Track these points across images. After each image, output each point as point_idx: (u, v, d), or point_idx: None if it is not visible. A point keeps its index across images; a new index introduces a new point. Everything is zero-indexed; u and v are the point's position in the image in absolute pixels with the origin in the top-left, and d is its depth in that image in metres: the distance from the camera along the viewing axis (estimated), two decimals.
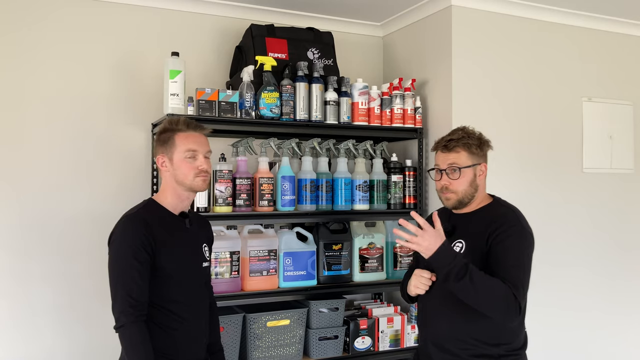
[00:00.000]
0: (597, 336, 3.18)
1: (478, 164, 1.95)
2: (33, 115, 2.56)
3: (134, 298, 1.76)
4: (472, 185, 1.94)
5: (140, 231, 1.80)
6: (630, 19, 3.22)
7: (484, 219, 1.92)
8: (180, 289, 1.88)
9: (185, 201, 1.95)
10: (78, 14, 2.64)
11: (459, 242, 1.92)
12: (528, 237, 1.92)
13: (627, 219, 3.29)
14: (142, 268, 1.79)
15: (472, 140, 1.96)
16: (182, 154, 1.89)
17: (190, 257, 1.94)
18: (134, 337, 1.75)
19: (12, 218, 2.52)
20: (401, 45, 3.19)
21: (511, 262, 1.84)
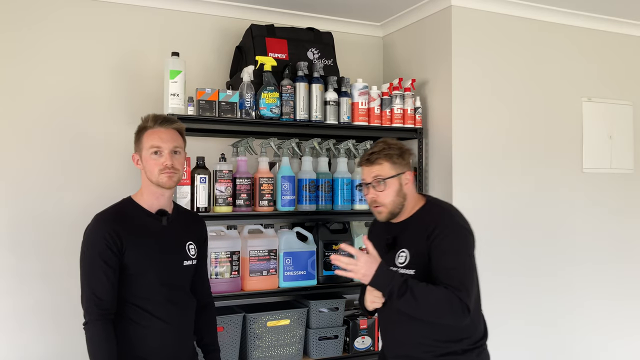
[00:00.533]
0: (597, 336, 3.18)
1: (402, 173, 1.97)
2: (32, 115, 2.56)
3: (98, 296, 1.79)
4: (400, 195, 1.97)
5: (106, 230, 1.82)
6: (630, 19, 3.22)
7: (420, 223, 1.95)
8: (152, 288, 1.87)
9: (160, 198, 1.93)
10: (78, 14, 2.64)
11: (402, 252, 1.95)
12: (464, 233, 1.92)
13: (627, 219, 3.29)
14: (107, 267, 1.80)
15: (392, 150, 1.98)
16: (148, 151, 1.89)
17: (164, 255, 1.91)
18: (95, 335, 1.79)
19: (12, 218, 2.52)
20: (401, 45, 3.19)
21: (451, 265, 1.85)
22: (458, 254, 1.87)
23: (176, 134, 1.94)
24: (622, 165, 3.28)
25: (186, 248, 1.98)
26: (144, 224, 1.90)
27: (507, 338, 2.91)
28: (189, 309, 1.99)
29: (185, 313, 1.96)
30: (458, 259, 1.87)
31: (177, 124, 1.95)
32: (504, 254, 2.91)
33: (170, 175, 1.89)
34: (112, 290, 1.81)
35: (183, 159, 1.96)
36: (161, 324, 1.88)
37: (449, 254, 1.86)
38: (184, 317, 1.96)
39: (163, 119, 1.92)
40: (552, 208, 3.04)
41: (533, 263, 2.99)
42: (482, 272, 2.81)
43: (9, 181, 2.52)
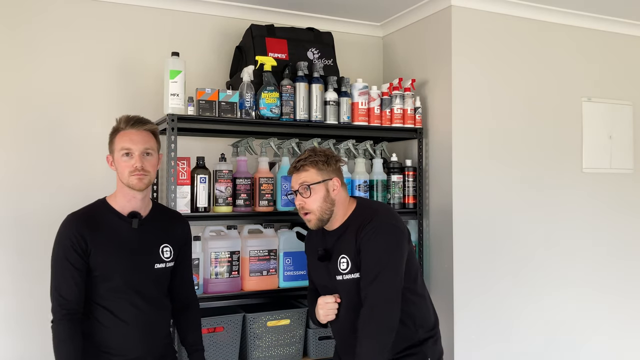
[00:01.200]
0: (597, 336, 3.18)
1: (329, 179, 2.00)
2: (32, 114, 2.56)
3: (63, 296, 1.82)
4: (327, 201, 1.99)
5: (72, 232, 1.84)
6: (630, 19, 3.22)
7: (351, 227, 1.99)
8: (117, 290, 1.88)
9: (132, 200, 1.93)
10: (78, 14, 2.65)
11: (343, 258, 1.98)
12: (390, 230, 1.94)
13: (627, 219, 3.29)
14: (73, 268, 1.83)
15: (318, 157, 2.01)
16: (119, 153, 1.91)
17: (132, 259, 1.91)
18: (57, 334, 1.82)
19: (9, 217, 2.52)
20: (401, 45, 3.19)
21: (371, 276, 1.88)
22: (380, 253, 1.89)
23: (148, 135, 1.93)
24: (621, 165, 3.28)
25: (159, 251, 1.97)
26: (112, 226, 1.90)
27: (507, 338, 2.91)
28: (160, 312, 1.98)
29: (153, 316, 1.95)
30: (380, 259, 1.89)
31: (149, 125, 1.95)
32: (503, 253, 2.91)
33: (140, 177, 1.89)
34: (77, 291, 1.84)
35: (155, 160, 1.96)
36: (125, 326, 1.89)
37: (371, 255, 1.90)
38: (153, 320, 1.95)
39: (135, 121, 1.92)
40: (552, 208, 3.04)
41: (533, 263, 2.99)
42: (481, 271, 2.82)
43: (9, 181, 2.52)
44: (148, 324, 1.93)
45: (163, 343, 2.02)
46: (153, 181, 1.99)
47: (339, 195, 2.02)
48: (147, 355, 1.94)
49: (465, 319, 2.77)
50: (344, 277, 1.97)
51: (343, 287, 2.00)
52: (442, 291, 2.82)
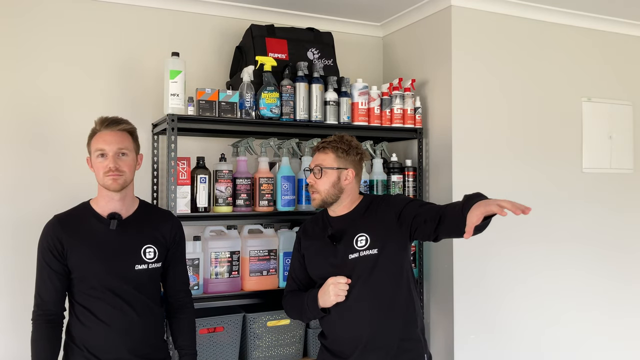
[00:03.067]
0: (597, 336, 3.18)
1: (344, 168, 2.09)
2: (32, 114, 2.56)
3: (42, 298, 1.88)
4: (335, 187, 2.09)
5: (49, 235, 1.89)
6: (630, 19, 3.23)
7: (370, 208, 2.11)
8: (95, 292, 1.89)
9: (111, 202, 1.94)
10: (78, 14, 2.65)
11: (361, 236, 2.05)
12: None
13: (627, 219, 3.29)
14: (51, 270, 1.87)
15: (340, 144, 2.10)
16: (94, 154, 1.92)
17: (109, 260, 1.90)
18: (33, 334, 1.88)
19: (8, 217, 2.52)
20: (401, 45, 3.19)
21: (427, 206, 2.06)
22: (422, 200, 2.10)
23: (124, 135, 1.93)
24: (621, 165, 3.28)
25: (141, 252, 1.96)
26: (91, 229, 1.93)
27: (506, 338, 2.91)
28: (144, 314, 1.96)
29: (135, 318, 1.93)
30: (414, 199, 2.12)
31: (124, 125, 1.95)
32: (503, 253, 2.91)
33: (114, 177, 1.90)
34: (55, 293, 1.88)
35: (132, 160, 1.96)
36: (105, 327, 1.89)
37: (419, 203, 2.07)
38: (135, 322, 1.93)
39: (110, 121, 1.93)
40: (552, 208, 3.05)
41: (532, 263, 2.99)
42: (481, 271, 2.82)
43: (8, 181, 2.52)
44: (129, 325, 1.92)
45: (149, 344, 1.99)
46: (129, 181, 1.97)
47: (350, 186, 2.11)
48: (130, 356, 1.93)
49: (465, 319, 2.77)
50: (360, 254, 2.03)
51: (358, 264, 2.03)
52: (441, 291, 2.82)
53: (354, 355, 2.03)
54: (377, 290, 2.02)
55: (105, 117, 1.95)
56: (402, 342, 2.03)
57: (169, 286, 2.09)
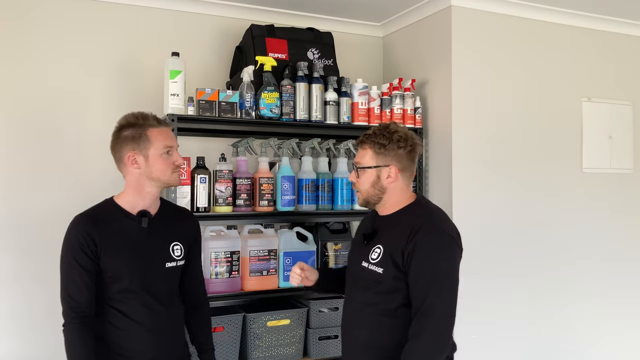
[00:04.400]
0: (597, 336, 3.18)
1: (385, 165, 1.81)
2: (31, 114, 2.56)
3: (74, 299, 1.77)
4: (376, 187, 1.84)
5: (81, 233, 1.79)
6: (630, 19, 3.22)
7: (401, 222, 1.81)
8: (129, 292, 1.84)
9: (147, 199, 1.89)
10: (78, 14, 2.65)
11: (377, 248, 1.82)
12: (446, 240, 1.74)
13: (627, 219, 3.29)
14: (83, 270, 1.77)
15: (379, 137, 1.81)
16: (159, 150, 1.85)
17: (143, 259, 1.87)
18: (70, 338, 1.77)
19: (8, 217, 2.52)
20: (401, 45, 3.19)
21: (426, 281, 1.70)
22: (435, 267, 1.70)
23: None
24: (621, 165, 3.28)
25: (170, 249, 1.93)
26: (122, 227, 1.85)
27: (505, 338, 2.91)
28: (173, 312, 1.95)
29: (167, 316, 1.92)
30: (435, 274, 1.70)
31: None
32: (503, 253, 2.91)
33: (181, 173, 1.94)
34: (87, 293, 1.79)
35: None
36: (140, 328, 1.85)
37: (424, 274, 1.70)
38: (166, 321, 1.92)
39: (161, 120, 1.92)
40: (552, 208, 3.04)
41: (532, 263, 2.99)
42: (481, 272, 2.82)
43: (8, 181, 2.52)
44: (161, 324, 1.90)
45: (178, 343, 1.98)
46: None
47: (394, 185, 1.83)
48: (162, 356, 1.91)
49: (466, 319, 2.77)
50: (368, 266, 1.83)
51: (363, 275, 1.86)
52: None
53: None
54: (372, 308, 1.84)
55: (146, 113, 1.91)
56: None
57: (188, 283, 2.05)
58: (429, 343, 1.67)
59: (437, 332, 1.68)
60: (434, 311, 1.68)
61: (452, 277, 1.73)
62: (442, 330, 1.69)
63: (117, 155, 1.89)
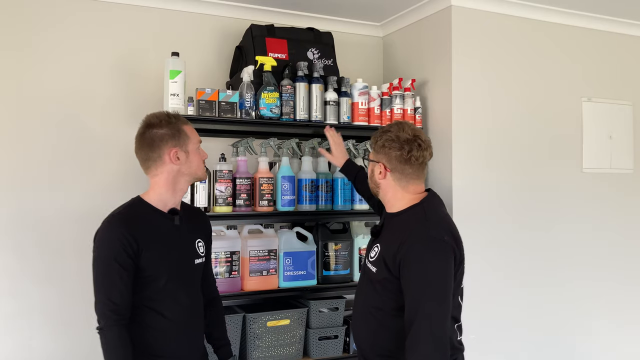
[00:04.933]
0: (597, 336, 3.18)
1: (376, 162, 1.90)
2: (31, 114, 2.56)
3: (113, 301, 1.72)
4: (371, 180, 1.95)
5: (121, 232, 1.74)
6: (630, 19, 3.22)
7: (399, 225, 1.83)
8: (167, 290, 1.83)
9: (178, 195, 1.90)
10: (78, 13, 2.64)
11: (376, 247, 1.88)
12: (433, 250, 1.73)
13: (627, 219, 3.29)
14: (123, 270, 1.73)
15: (377, 134, 1.92)
16: (196, 145, 1.90)
17: (178, 256, 1.88)
18: (111, 341, 1.73)
19: (9, 217, 2.52)
20: (401, 45, 3.19)
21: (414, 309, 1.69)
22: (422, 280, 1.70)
23: None
24: (622, 165, 3.28)
25: (196, 246, 1.95)
26: (157, 225, 1.84)
27: (506, 338, 2.91)
28: (200, 309, 1.97)
29: (197, 313, 1.94)
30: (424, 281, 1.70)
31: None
32: (503, 253, 2.91)
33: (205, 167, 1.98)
34: (127, 295, 1.75)
35: None
36: (175, 327, 1.84)
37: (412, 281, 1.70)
38: (197, 318, 1.94)
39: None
40: (552, 208, 3.04)
41: (532, 263, 2.99)
42: (481, 272, 2.82)
43: (6, 180, 2.52)
44: (192, 321, 1.92)
45: (202, 340, 2.00)
46: None
47: (385, 182, 1.89)
48: (193, 353, 1.92)
49: (465, 319, 2.77)
50: (367, 264, 1.91)
51: (364, 272, 1.95)
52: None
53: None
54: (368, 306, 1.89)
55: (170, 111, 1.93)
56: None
57: (205, 279, 2.06)
58: (427, 351, 1.66)
59: (433, 338, 1.66)
60: (426, 321, 1.66)
61: (443, 282, 1.71)
62: (439, 334, 1.67)
63: (154, 154, 1.84)
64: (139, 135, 1.88)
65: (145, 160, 1.87)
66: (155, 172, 1.87)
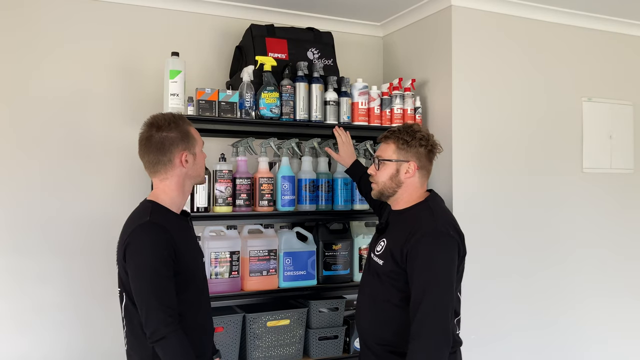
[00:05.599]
0: (597, 336, 3.18)
1: (405, 161, 1.94)
2: (31, 114, 2.56)
3: (171, 307, 1.69)
4: (393, 180, 1.95)
5: (164, 239, 1.72)
6: (630, 19, 3.22)
7: (407, 220, 1.92)
8: (197, 291, 1.84)
9: (186, 197, 1.90)
10: (78, 14, 2.64)
11: (382, 241, 1.96)
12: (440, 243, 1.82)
13: (627, 219, 3.29)
14: (170, 276, 1.71)
15: (403, 134, 1.95)
16: (201, 147, 1.90)
17: (199, 256, 1.91)
18: (178, 347, 1.67)
19: (10, 218, 2.52)
20: (401, 45, 3.19)
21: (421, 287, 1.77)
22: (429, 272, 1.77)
23: None
24: (622, 165, 3.28)
25: (199, 245, 1.97)
26: (181, 228, 1.83)
27: (506, 338, 2.91)
28: (209, 306, 1.96)
29: (208, 311, 1.93)
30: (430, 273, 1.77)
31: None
32: (503, 253, 2.91)
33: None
34: (175, 301, 1.72)
35: None
36: (202, 330, 1.84)
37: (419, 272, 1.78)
38: (209, 315, 1.93)
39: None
40: (552, 208, 3.04)
41: (532, 263, 2.99)
42: (481, 273, 2.82)
43: (6, 180, 2.52)
44: (211, 320, 1.92)
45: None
46: None
47: (410, 180, 1.95)
48: (210, 355, 1.92)
49: (466, 319, 2.77)
50: (373, 257, 1.97)
51: (370, 265, 2.01)
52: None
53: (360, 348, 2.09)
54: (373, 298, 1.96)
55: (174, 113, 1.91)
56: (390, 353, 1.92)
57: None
58: (431, 341, 1.73)
59: (437, 329, 1.74)
60: (431, 309, 1.74)
61: (448, 274, 1.80)
62: (443, 326, 1.74)
63: (164, 158, 1.81)
64: (146, 139, 1.83)
65: (154, 164, 1.82)
66: (164, 175, 1.83)
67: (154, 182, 1.87)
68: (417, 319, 1.74)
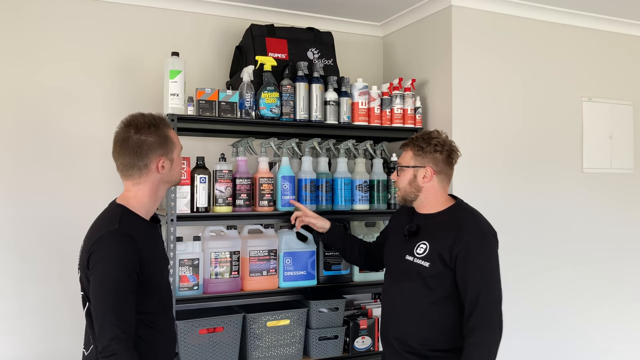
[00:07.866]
0: (597, 336, 3.18)
1: (421, 166, 2.02)
2: (31, 114, 2.56)
3: (126, 323, 1.59)
4: (412, 185, 2.03)
5: (131, 250, 1.63)
6: (630, 19, 3.22)
7: (446, 223, 2.00)
8: (161, 299, 1.78)
9: (158, 203, 1.82)
10: (78, 13, 2.65)
11: (423, 244, 2.01)
12: (490, 241, 2.00)
13: (627, 219, 3.29)
14: (132, 290, 1.62)
15: (419, 141, 2.04)
16: (179, 152, 1.82)
17: (165, 264, 1.85)
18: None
19: (9, 218, 2.52)
20: (401, 45, 3.19)
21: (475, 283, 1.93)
22: (483, 269, 1.93)
23: None
24: (622, 165, 3.28)
25: (166, 253, 1.91)
26: (148, 235, 1.75)
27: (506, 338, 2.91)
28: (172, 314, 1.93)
29: (173, 319, 1.91)
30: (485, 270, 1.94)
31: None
32: (503, 253, 2.90)
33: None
34: (134, 314, 1.63)
35: None
36: (166, 339, 1.80)
37: (474, 270, 1.92)
38: (173, 323, 1.91)
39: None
40: (552, 208, 3.04)
41: (533, 263, 2.99)
42: None
43: (5, 181, 2.52)
44: (172, 326, 1.87)
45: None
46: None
47: (430, 185, 2.03)
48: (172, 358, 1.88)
49: None
50: (413, 260, 2.00)
51: (409, 268, 2.02)
52: None
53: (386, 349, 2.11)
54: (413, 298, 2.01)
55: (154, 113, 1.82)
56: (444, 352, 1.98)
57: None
58: (496, 329, 1.92)
59: (497, 318, 1.93)
60: (489, 301, 1.91)
61: (498, 271, 1.99)
62: (500, 314, 1.94)
63: (140, 162, 1.73)
64: (122, 140, 1.74)
65: (128, 167, 1.74)
66: (138, 180, 1.74)
67: (126, 185, 1.77)
68: (476, 315, 1.88)
